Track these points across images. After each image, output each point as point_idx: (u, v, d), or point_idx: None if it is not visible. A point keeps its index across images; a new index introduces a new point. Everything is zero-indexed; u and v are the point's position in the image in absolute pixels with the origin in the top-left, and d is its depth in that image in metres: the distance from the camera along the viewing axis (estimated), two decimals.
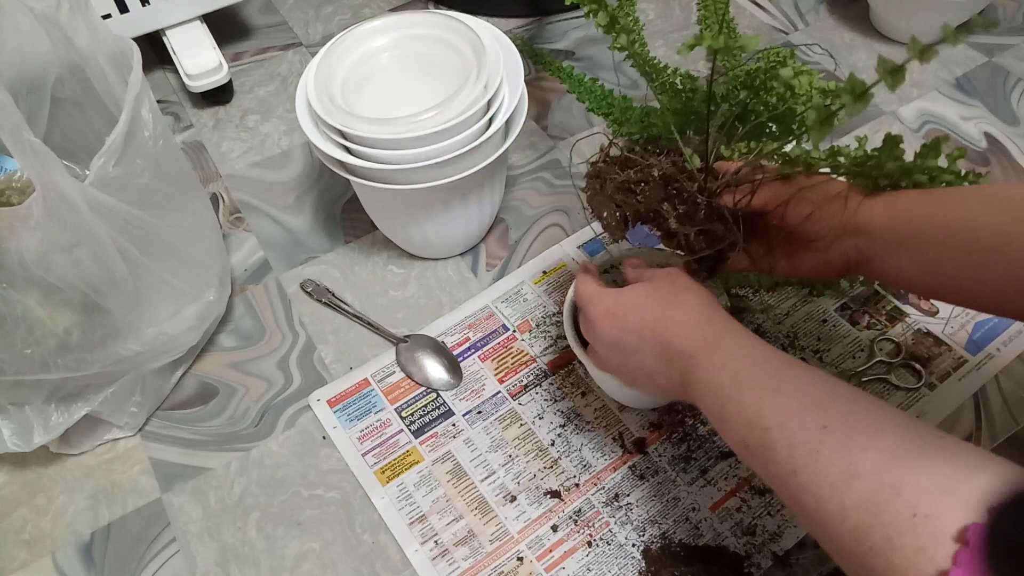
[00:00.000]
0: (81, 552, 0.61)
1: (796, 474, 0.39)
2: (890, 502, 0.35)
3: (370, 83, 0.69)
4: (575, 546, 0.59)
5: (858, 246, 0.49)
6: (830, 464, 0.38)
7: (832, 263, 0.50)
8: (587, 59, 0.94)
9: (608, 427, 0.65)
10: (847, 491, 0.36)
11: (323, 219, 0.81)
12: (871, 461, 0.36)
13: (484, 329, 0.71)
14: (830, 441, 0.38)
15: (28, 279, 0.52)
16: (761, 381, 0.43)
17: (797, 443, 0.39)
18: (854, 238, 0.48)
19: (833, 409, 0.40)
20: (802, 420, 0.40)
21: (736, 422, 0.43)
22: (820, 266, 0.51)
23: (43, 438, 0.60)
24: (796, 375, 0.43)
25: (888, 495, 0.35)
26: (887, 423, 0.38)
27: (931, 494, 0.34)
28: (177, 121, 0.90)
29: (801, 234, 0.51)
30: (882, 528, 0.35)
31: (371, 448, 0.65)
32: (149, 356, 0.62)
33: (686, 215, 0.52)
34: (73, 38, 0.58)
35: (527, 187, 0.82)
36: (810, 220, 0.49)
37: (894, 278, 0.49)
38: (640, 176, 0.53)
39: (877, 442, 0.37)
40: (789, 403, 0.41)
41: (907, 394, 0.66)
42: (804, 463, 0.39)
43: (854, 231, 0.48)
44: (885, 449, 0.37)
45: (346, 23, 1.00)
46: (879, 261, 0.48)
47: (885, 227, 0.47)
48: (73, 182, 0.50)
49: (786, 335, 0.70)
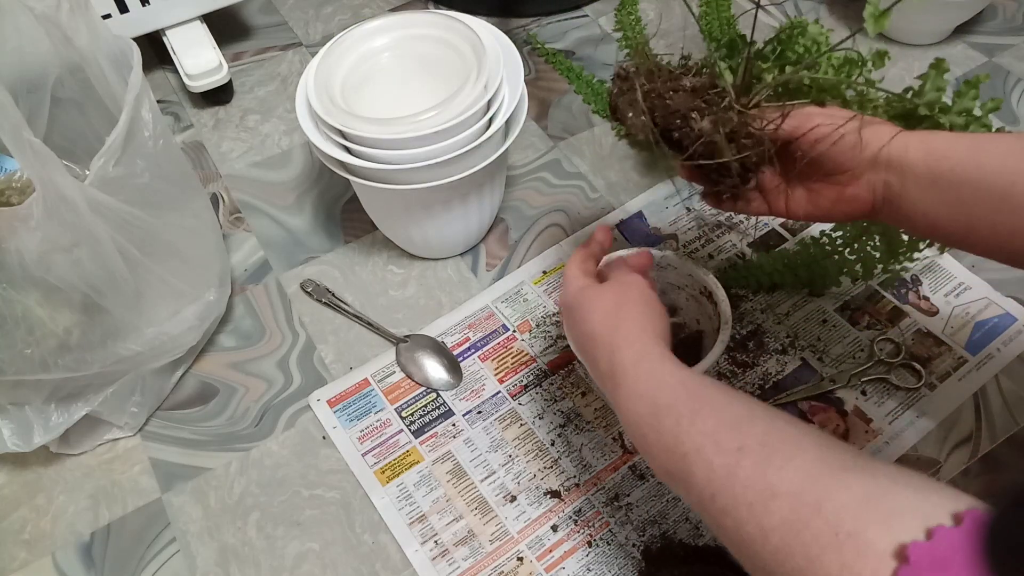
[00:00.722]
0: (81, 552, 0.61)
1: (715, 497, 0.39)
2: (810, 520, 0.34)
3: (370, 83, 0.69)
4: (575, 546, 0.59)
5: (888, 181, 0.47)
6: (747, 486, 0.37)
7: (858, 198, 0.48)
8: (587, 59, 0.94)
9: (608, 427, 0.65)
10: (765, 512, 0.36)
11: (323, 219, 0.81)
12: (788, 481, 0.36)
13: (484, 329, 0.71)
14: (747, 462, 0.38)
15: (28, 279, 0.52)
16: (677, 408, 0.43)
17: (714, 467, 0.39)
18: (884, 172, 0.47)
19: (749, 431, 0.39)
20: (717, 443, 0.40)
21: (657, 450, 0.43)
22: (844, 202, 0.49)
23: (43, 438, 0.60)
24: (712, 398, 0.42)
25: (807, 513, 0.34)
26: (804, 443, 0.38)
27: (852, 510, 0.33)
28: (177, 121, 0.90)
29: (828, 163, 0.48)
30: (804, 548, 0.34)
31: (371, 448, 0.65)
32: (149, 356, 0.62)
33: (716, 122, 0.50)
34: (73, 38, 0.58)
35: (527, 187, 0.82)
36: (839, 148, 0.47)
37: (920, 220, 0.47)
38: (672, 85, 0.51)
39: (794, 461, 0.37)
40: (705, 427, 0.41)
41: (907, 394, 0.65)
42: (722, 486, 0.38)
43: (885, 165, 0.46)
44: (802, 468, 0.36)
45: (346, 23, 1.00)
46: (908, 199, 0.46)
47: (919, 163, 0.45)
48: (73, 182, 0.50)
49: (786, 335, 0.70)
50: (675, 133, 0.50)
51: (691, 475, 0.40)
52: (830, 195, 0.50)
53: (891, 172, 0.46)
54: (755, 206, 0.53)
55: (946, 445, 0.63)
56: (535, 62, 0.94)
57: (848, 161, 0.47)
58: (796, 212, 0.52)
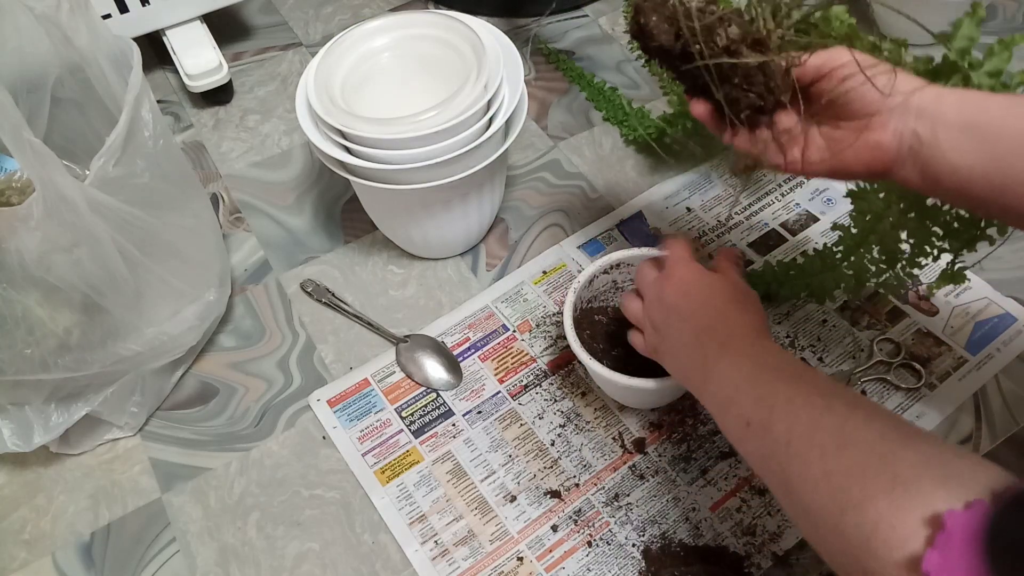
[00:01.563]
0: (81, 552, 0.61)
1: (790, 444, 0.41)
2: (875, 469, 0.37)
3: (370, 83, 0.69)
4: (575, 546, 0.59)
5: (917, 131, 0.44)
6: (826, 434, 0.40)
7: (881, 147, 0.45)
8: (587, 59, 0.94)
9: (608, 427, 0.65)
10: (836, 457, 0.38)
11: (323, 219, 0.81)
12: (863, 435, 0.39)
13: (484, 329, 0.71)
14: (830, 416, 0.40)
15: (28, 279, 0.52)
16: (781, 370, 0.46)
17: (799, 417, 0.41)
18: (914, 120, 0.44)
19: (841, 396, 0.42)
20: (809, 399, 0.42)
21: (746, 399, 0.45)
22: (866, 150, 0.46)
23: (43, 438, 0.60)
24: (816, 374, 0.45)
25: (874, 463, 0.37)
26: (882, 412, 0.41)
27: (914, 468, 0.36)
28: (177, 121, 0.90)
29: (854, 103, 0.45)
30: (861, 489, 0.36)
31: (371, 448, 0.65)
32: (149, 356, 0.62)
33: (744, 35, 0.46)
34: (73, 38, 0.58)
35: (527, 187, 0.82)
36: (867, 88, 0.44)
37: (948, 178, 0.44)
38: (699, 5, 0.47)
39: (872, 422, 0.39)
40: (801, 387, 0.43)
41: (907, 394, 0.65)
42: (801, 432, 0.41)
43: (916, 112, 0.44)
44: (877, 428, 0.39)
45: (346, 23, 1.00)
46: (938, 152, 0.43)
47: (954, 113, 0.42)
48: (73, 182, 0.50)
49: (786, 335, 0.70)
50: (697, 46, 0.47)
51: (773, 423, 0.43)
52: (851, 143, 0.46)
53: (922, 121, 0.43)
54: (770, 155, 0.50)
55: None
56: (535, 62, 0.94)
57: (875, 103, 0.44)
58: (812, 163, 0.48)
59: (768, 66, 0.45)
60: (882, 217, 0.60)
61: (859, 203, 0.61)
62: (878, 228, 0.60)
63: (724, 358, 0.48)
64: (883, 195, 0.59)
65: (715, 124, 0.50)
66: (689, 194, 0.80)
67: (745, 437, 0.45)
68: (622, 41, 0.96)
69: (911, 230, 0.59)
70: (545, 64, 0.94)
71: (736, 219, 0.78)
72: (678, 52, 0.48)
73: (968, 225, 0.56)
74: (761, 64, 0.45)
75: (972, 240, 0.56)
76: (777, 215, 0.78)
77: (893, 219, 0.59)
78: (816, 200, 0.79)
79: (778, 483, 0.42)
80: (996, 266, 0.72)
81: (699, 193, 0.80)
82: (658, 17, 0.48)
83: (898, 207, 0.58)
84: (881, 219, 0.60)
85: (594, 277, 0.65)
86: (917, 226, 0.58)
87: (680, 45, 0.47)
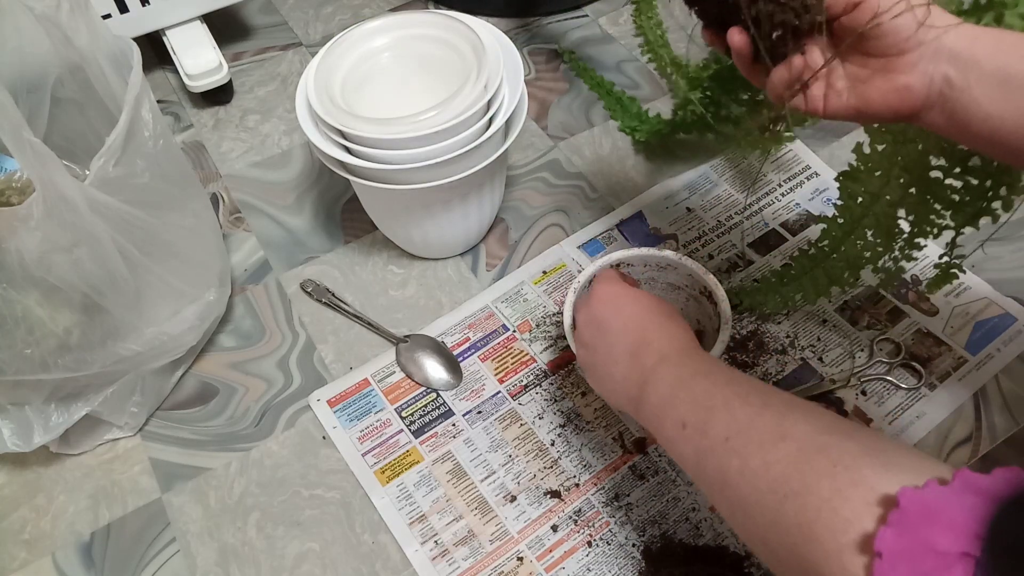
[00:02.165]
0: (81, 552, 0.61)
1: (729, 440, 0.41)
2: (813, 456, 0.37)
3: (370, 83, 0.69)
4: (575, 546, 0.59)
5: (948, 75, 0.42)
6: (765, 429, 0.40)
7: (909, 90, 0.43)
8: (587, 59, 0.94)
9: (608, 427, 0.65)
10: (774, 448, 0.38)
11: (323, 219, 0.81)
12: (802, 430, 0.39)
13: (484, 329, 0.71)
14: (769, 413, 0.41)
15: (28, 279, 0.52)
16: (717, 375, 0.46)
17: (737, 416, 0.42)
18: (946, 64, 0.42)
19: (778, 396, 0.43)
20: (747, 399, 0.42)
21: (682, 403, 0.45)
22: (893, 93, 0.44)
23: (43, 438, 0.60)
24: (751, 379, 0.46)
25: (812, 451, 0.37)
26: (821, 411, 0.41)
27: (853, 455, 0.36)
28: (177, 121, 0.90)
29: (884, 40, 0.43)
30: (801, 476, 0.36)
31: (371, 448, 0.65)
32: (149, 356, 0.62)
33: None
34: (73, 38, 0.58)
35: (527, 187, 0.82)
36: (898, 24, 0.42)
37: (979, 125, 0.42)
38: None
39: (809, 417, 0.40)
40: (738, 390, 0.44)
41: (907, 394, 0.65)
42: (739, 429, 0.41)
43: (948, 56, 0.42)
44: (816, 423, 0.39)
45: (346, 23, 1.00)
46: (969, 98, 0.42)
47: (988, 57, 0.41)
48: (73, 182, 0.50)
49: (786, 335, 0.70)
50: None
51: (710, 423, 0.43)
52: (878, 85, 0.44)
53: (954, 64, 0.42)
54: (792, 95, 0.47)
55: (946, 445, 0.63)
56: (535, 62, 0.94)
57: (906, 42, 0.42)
58: (836, 105, 0.46)
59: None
60: (878, 197, 0.59)
61: (850, 186, 0.60)
62: (874, 208, 0.59)
63: (661, 367, 0.48)
64: (879, 173, 0.58)
65: (748, 59, 0.47)
66: (689, 194, 0.80)
67: (681, 438, 0.45)
68: (622, 41, 0.96)
69: (911, 206, 0.57)
70: (545, 64, 0.94)
71: (736, 219, 0.78)
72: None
73: (975, 197, 0.54)
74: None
75: (976, 214, 0.55)
76: (777, 215, 0.78)
77: (891, 196, 0.58)
78: (816, 200, 0.79)
79: (713, 481, 0.42)
80: (996, 266, 0.72)
81: (699, 193, 0.80)
82: None
83: (897, 183, 0.57)
84: (877, 199, 0.59)
85: (594, 277, 0.65)
86: (918, 202, 0.57)
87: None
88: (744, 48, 0.46)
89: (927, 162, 0.55)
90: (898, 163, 0.57)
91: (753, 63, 0.47)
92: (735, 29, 0.46)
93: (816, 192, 0.79)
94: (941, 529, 0.30)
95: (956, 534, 0.29)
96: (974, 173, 0.54)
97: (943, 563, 0.29)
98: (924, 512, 0.31)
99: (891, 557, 0.30)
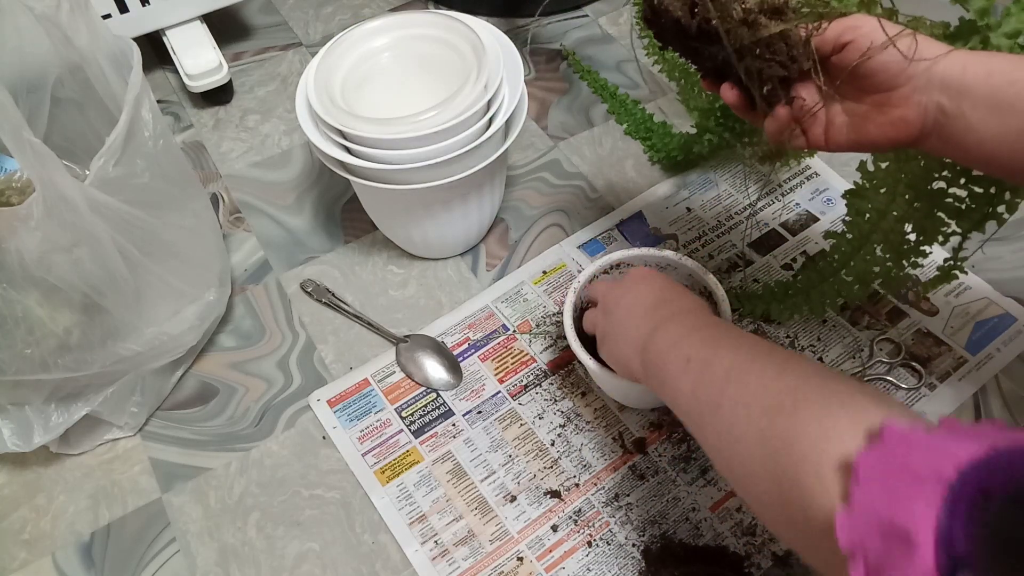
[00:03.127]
0: (81, 552, 0.61)
1: (730, 372, 0.42)
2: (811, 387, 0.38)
3: (370, 83, 0.69)
4: (575, 546, 0.59)
5: (941, 104, 0.43)
6: (766, 363, 0.41)
7: (905, 122, 0.44)
8: (587, 59, 0.94)
9: (608, 427, 0.65)
10: (774, 380, 0.40)
11: (323, 219, 0.81)
12: (805, 367, 0.40)
13: (484, 329, 0.71)
14: (773, 355, 0.42)
15: (28, 279, 0.52)
16: (729, 328, 0.49)
17: (742, 352, 0.43)
18: (938, 94, 0.43)
19: (784, 349, 0.44)
20: (755, 345, 0.44)
21: (691, 344, 0.47)
22: (890, 126, 0.45)
23: (43, 438, 0.60)
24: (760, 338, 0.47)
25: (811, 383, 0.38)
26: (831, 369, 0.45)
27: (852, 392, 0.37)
28: (177, 121, 0.90)
29: (875, 77, 0.44)
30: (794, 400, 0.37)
31: (371, 448, 0.65)
32: (149, 356, 0.62)
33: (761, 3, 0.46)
34: (73, 38, 0.58)
35: (527, 187, 0.82)
36: (888, 60, 0.43)
37: (975, 150, 0.43)
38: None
39: (816, 365, 0.42)
40: (747, 339, 0.46)
41: (907, 394, 0.65)
42: (741, 361, 0.43)
43: (940, 85, 0.43)
44: (821, 369, 0.41)
45: (346, 23, 1.00)
46: (963, 125, 0.42)
47: (980, 85, 0.41)
48: (73, 182, 0.50)
49: (786, 335, 0.69)
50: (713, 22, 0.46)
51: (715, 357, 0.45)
52: (875, 119, 0.45)
53: (946, 94, 0.42)
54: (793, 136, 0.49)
55: None
56: (535, 62, 0.94)
57: (897, 77, 0.43)
58: (837, 140, 0.48)
59: (788, 34, 0.45)
60: (885, 213, 0.59)
61: (857, 203, 0.61)
62: (881, 224, 0.60)
63: (676, 316, 0.51)
64: (884, 191, 0.58)
65: (744, 108, 0.50)
66: (689, 194, 0.80)
67: (682, 372, 0.46)
68: (622, 41, 0.96)
69: (917, 221, 0.58)
70: (545, 64, 0.94)
71: (736, 219, 0.78)
72: (695, 31, 0.47)
73: (981, 203, 0.54)
74: (781, 33, 0.44)
75: (983, 220, 0.55)
76: (777, 215, 0.78)
77: (898, 213, 0.58)
78: (816, 200, 0.79)
79: (704, 408, 0.43)
80: (996, 266, 0.72)
81: (699, 193, 0.80)
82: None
83: (903, 199, 0.57)
84: (884, 215, 0.59)
85: (593, 277, 0.65)
86: (925, 215, 0.57)
87: (696, 22, 0.47)
88: (737, 101, 0.49)
89: (931, 177, 0.56)
90: (902, 180, 0.57)
91: (749, 111, 0.49)
92: (727, 85, 0.49)
93: (816, 192, 0.79)
94: (920, 457, 0.30)
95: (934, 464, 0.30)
96: (979, 182, 0.54)
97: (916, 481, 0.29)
98: (906, 442, 0.31)
99: (867, 474, 0.31)
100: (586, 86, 0.91)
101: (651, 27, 0.49)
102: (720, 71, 0.49)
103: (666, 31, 0.49)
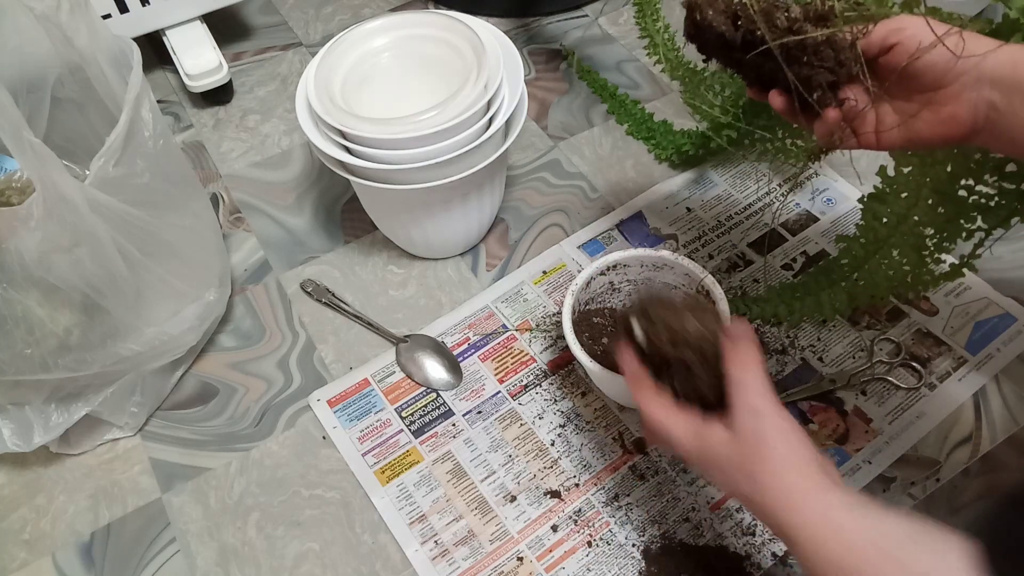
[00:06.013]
0: (81, 552, 0.61)
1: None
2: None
3: (370, 83, 0.69)
4: (575, 546, 0.59)
5: (993, 101, 0.42)
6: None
7: (956, 119, 0.44)
8: (587, 59, 0.94)
9: (608, 427, 0.65)
10: None
11: (323, 219, 0.81)
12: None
13: (484, 329, 0.71)
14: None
15: (28, 279, 0.52)
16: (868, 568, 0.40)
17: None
18: (989, 90, 0.42)
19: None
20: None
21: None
22: (942, 123, 0.45)
23: (43, 438, 0.60)
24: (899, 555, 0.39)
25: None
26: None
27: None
28: (177, 121, 0.90)
29: (924, 76, 0.44)
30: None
31: (371, 448, 0.65)
32: (149, 356, 0.62)
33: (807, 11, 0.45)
34: (73, 38, 0.58)
35: (527, 187, 0.82)
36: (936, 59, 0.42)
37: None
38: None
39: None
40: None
41: (907, 394, 0.65)
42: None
43: (991, 82, 0.42)
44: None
45: (346, 23, 1.00)
46: (1015, 119, 0.42)
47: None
48: (73, 182, 0.50)
49: (786, 335, 0.70)
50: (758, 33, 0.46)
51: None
52: (925, 117, 0.45)
53: (997, 90, 0.42)
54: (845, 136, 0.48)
55: (946, 445, 0.63)
56: (535, 62, 0.94)
57: (947, 75, 0.43)
58: (889, 140, 0.47)
59: (835, 39, 0.45)
60: (906, 217, 0.58)
61: (875, 207, 0.60)
62: (900, 228, 0.59)
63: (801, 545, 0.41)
64: (906, 195, 0.57)
65: (793, 113, 0.49)
66: (689, 194, 0.80)
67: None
68: (622, 41, 0.96)
69: (939, 225, 0.57)
70: (545, 64, 0.94)
71: (736, 219, 0.78)
72: (739, 42, 0.47)
73: (1010, 199, 0.54)
74: (828, 38, 0.44)
75: (1009, 215, 0.54)
76: (777, 215, 0.78)
77: (920, 216, 0.57)
78: (816, 200, 0.79)
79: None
80: (996, 266, 0.72)
81: (699, 193, 0.80)
82: (714, 11, 0.47)
83: (926, 203, 0.57)
84: (904, 219, 0.58)
85: (591, 279, 0.65)
86: (947, 219, 0.56)
87: (740, 35, 0.47)
88: (785, 107, 0.48)
89: (957, 182, 0.55)
90: (927, 184, 0.56)
91: (799, 115, 0.48)
92: (775, 92, 0.48)
93: (816, 192, 0.79)
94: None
95: None
96: (1010, 178, 0.53)
97: None
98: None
99: None
100: (586, 86, 0.91)
101: (694, 42, 0.49)
102: (766, 79, 0.48)
103: (709, 45, 0.49)
